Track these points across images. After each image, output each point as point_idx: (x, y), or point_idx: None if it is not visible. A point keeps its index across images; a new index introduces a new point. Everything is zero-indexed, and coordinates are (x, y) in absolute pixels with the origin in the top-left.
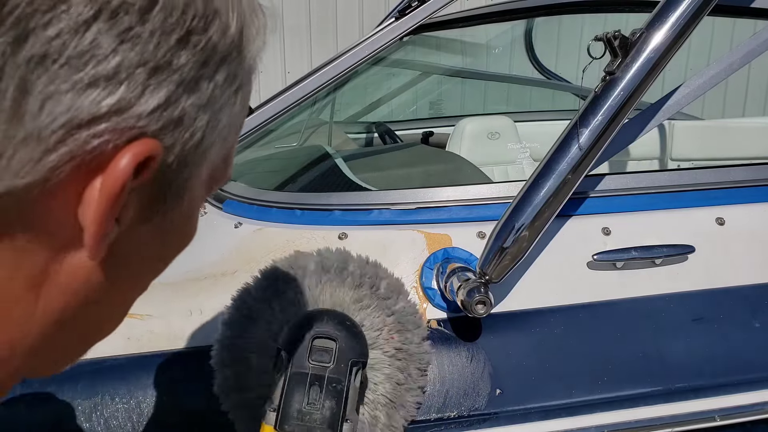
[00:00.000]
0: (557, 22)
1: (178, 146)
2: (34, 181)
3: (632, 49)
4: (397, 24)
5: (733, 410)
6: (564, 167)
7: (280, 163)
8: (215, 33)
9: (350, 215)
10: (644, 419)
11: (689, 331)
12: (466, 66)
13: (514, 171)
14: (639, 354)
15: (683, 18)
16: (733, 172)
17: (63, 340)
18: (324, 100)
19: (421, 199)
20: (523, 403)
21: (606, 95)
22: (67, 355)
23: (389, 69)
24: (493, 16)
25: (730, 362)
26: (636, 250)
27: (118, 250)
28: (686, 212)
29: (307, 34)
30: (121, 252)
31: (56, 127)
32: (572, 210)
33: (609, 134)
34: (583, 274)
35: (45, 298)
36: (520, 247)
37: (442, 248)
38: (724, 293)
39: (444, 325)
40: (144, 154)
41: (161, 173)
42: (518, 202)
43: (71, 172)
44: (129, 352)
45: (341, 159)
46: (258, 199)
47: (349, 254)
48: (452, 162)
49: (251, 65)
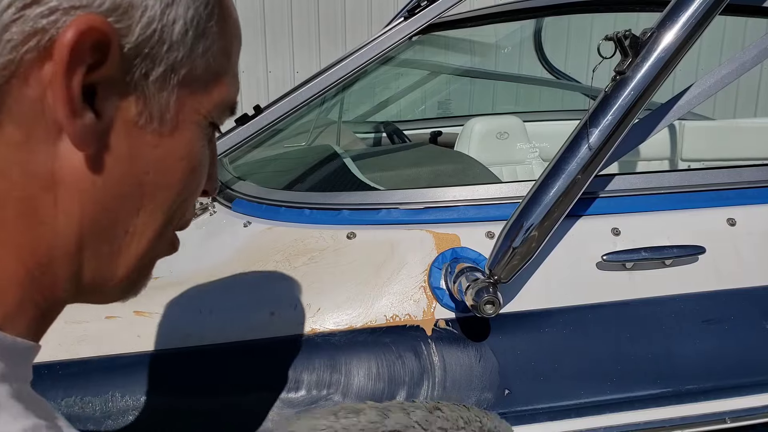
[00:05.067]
0: (567, 22)
1: (136, 33)
2: (1, 63)
3: (643, 49)
4: (406, 24)
5: (743, 412)
6: (574, 167)
7: (289, 162)
8: None
9: (359, 215)
10: (654, 420)
11: (699, 332)
12: (475, 66)
13: (523, 171)
14: (649, 355)
15: (694, 17)
16: (744, 172)
17: (97, 249)
18: (332, 99)
19: (430, 198)
20: (532, 403)
21: (616, 95)
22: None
23: (398, 69)
24: (502, 15)
25: (740, 364)
26: (646, 251)
27: (113, 147)
28: (697, 213)
29: (315, 33)
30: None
31: (5, 6)
32: (582, 210)
33: (619, 134)
34: (592, 275)
35: (62, 200)
36: (529, 247)
37: (451, 248)
38: (735, 294)
39: (452, 325)
40: (86, 23)
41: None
42: (527, 202)
43: (35, 55)
44: (139, 350)
45: (350, 158)
46: (267, 199)
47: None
48: (461, 162)
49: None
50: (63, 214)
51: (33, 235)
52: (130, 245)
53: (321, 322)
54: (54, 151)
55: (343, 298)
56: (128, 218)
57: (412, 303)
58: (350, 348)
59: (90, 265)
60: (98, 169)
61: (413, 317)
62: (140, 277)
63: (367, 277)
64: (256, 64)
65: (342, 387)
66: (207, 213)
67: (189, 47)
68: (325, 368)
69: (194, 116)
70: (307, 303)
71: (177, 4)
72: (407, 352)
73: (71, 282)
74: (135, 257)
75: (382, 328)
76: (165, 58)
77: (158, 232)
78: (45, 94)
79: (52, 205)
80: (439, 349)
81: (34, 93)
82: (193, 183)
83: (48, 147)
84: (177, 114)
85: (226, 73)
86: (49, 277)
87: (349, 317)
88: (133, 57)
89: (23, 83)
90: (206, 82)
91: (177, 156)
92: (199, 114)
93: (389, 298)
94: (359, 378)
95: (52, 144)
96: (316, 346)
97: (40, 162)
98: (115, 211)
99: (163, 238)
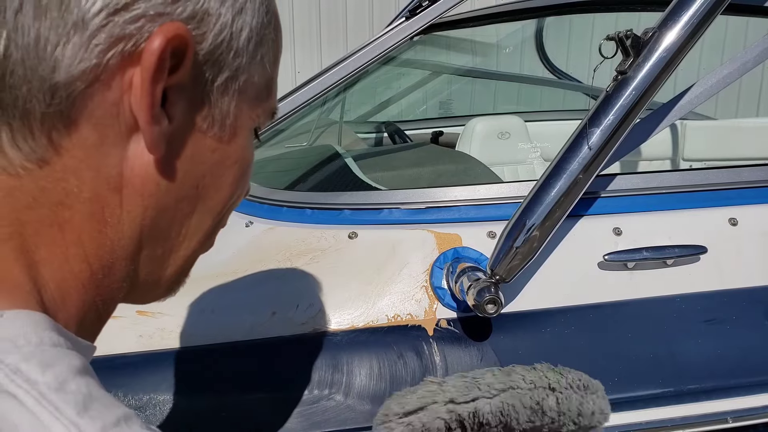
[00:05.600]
0: (568, 22)
1: (209, 40)
2: (88, 67)
3: (644, 49)
4: (408, 24)
5: (745, 412)
6: (575, 167)
7: (291, 162)
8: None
9: (360, 214)
10: (655, 420)
11: (701, 332)
12: (476, 65)
13: (525, 171)
14: (650, 355)
15: (696, 17)
16: (746, 172)
17: (153, 250)
18: (334, 99)
19: (431, 198)
20: None
21: (617, 95)
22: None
23: (399, 69)
24: (504, 15)
25: (742, 364)
26: (647, 251)
27: (178, 151)
28: (698, 212)
29: (317, 33)
30: (181, 154)
31: (96, 11)
32: (583, 210)
33: (620, 134)
34: (593, 275)
35: (127, 201)
36: (530, 247)
37: (452, 248)
38: (736, 294)
39: (454, 325)
40: (172, 31)
41: (199, 70)
42: (529, 202)
43: (118, 60)
44: (141, 349)
45: (351, 158)
46: (269, 199)
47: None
48: (462, 162)
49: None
50: (127, 215)
51: (99, 236)
52: (180, 246)
53: (323, 321)
54: (124, 154)
55: (344, 298)
56: (184, 220)
57: (414, 303)
58: (352, 348)
59: (145, 267)
60: (164, 172)
61: (415, 317)
62: (182, 276)
63: (369, 276)
64: None
65: (344, 387)
66: None
67: (251, 54)
68: (326, 368)
69: (249, 122)
70: (309, 303)
71: (245, 12)
72: (409, 352)
73: (127, 283)
74: (183, 258)
75: (383, 327)
76: (230, 64)
77: (208, 233)
78: (122, 98)
79: (118, 207)
80: (440, 349)
81: (113, 97)
82: (243, 186)
83: (119, 149)
84: (236, 120)
85: (274, 80)
86: (110, 279)
87: (351, 317)
88: (203, 63)
89: (105, 87)
90: (260, 89)
91: (232, 160)
92: (253, 120)
93: (391, 297)
94: (361, 378)
95: (123, 146)
96: (318, 346)
97: (110, 164)
98: (173, 212)
99: (210, 239)
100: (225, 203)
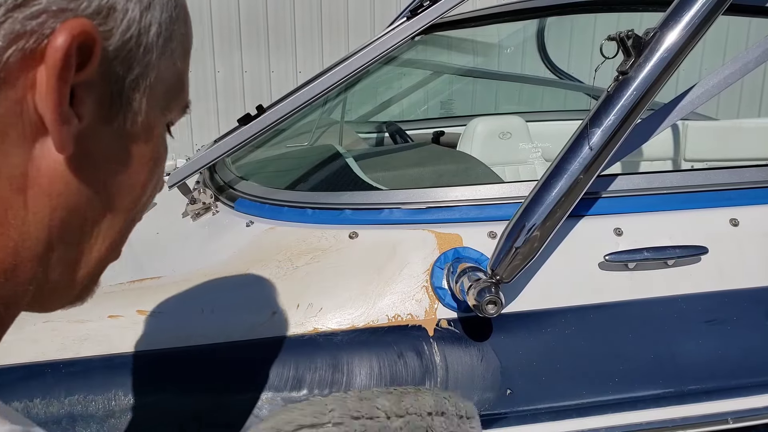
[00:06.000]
0: (569, 22)
1: (117, 36)
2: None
3: (645, 49)
4: (409, 23)
5: (746, 413)
6: (576, 167)
7: (292, 162)
8: None
9: (361, 214)
10: (655, 421)
11: (702, 332)
12: (477, 66)
13: (526, 171)
14: (651, 355)
15: (697, 17)
16: (747, 172)
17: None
18: (335, 99)
19: (432, 198)
20: (533, 403)
21: (619, 95)
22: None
23: (400, 68)
24: (505, 15)
25: (743, 364)
26: (648, 251)
27: (88, 150)
28: (699, 213)
29: (318, 33)
30: (91, 153)
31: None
32: (584, 210)
33: (621, 134)
34: (594, 275)
35: (33, 202)
36: (531, 247)
37: (453, 248)
38: (737, 295)
39: (454, 325)
40: (77, 27)
41: (107, 67)
42: (530, 202)
43: (19, 57)
44: (141, 349)
45: (352, 158)
46: (269, 198)
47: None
48: (463, 162)
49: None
50: (33, 216)
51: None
52: (93, 248)
53: (323, 321)
54: (28, 153)
55: (345, 298)
56: (96, 219)
57: (414, 303)
58: (352, 347)
59: (56, 269)
60: (74, 171)
61: (415, 317)
62: (91, 283)
63: (369, 276)
64: (259, 64)
65: (344, 386)
66: (210, 213)
67: (160, 50)
68: (327, 368)
69: (161, 118)
70: (309, 302)
71: (153, 8)
72: (409, 352)
73: (33, 285)
74: (96, 260)
75: (384, 327)
76: (140, 60)
77: (121, 233)
78: (26, 96)
79: (22, 208)
80: (441, 349)
81: (15, 95)
82: (156, 182)
83: (22, 149)
84: (147, 116)
85: (186, 74)
86: (13, 282)
87: (351, 317)
88: (112, 60)
89: (7, 85)
90: (172, 84)
91: (146, 157)
92: (165, 116)
93: (391, 297)
94: (361, 377)
95: (27, 146)
96: (318, 346)
97: (12, 164)
98: (84, 212)
99: (123, 240)
100: (138, 201)
